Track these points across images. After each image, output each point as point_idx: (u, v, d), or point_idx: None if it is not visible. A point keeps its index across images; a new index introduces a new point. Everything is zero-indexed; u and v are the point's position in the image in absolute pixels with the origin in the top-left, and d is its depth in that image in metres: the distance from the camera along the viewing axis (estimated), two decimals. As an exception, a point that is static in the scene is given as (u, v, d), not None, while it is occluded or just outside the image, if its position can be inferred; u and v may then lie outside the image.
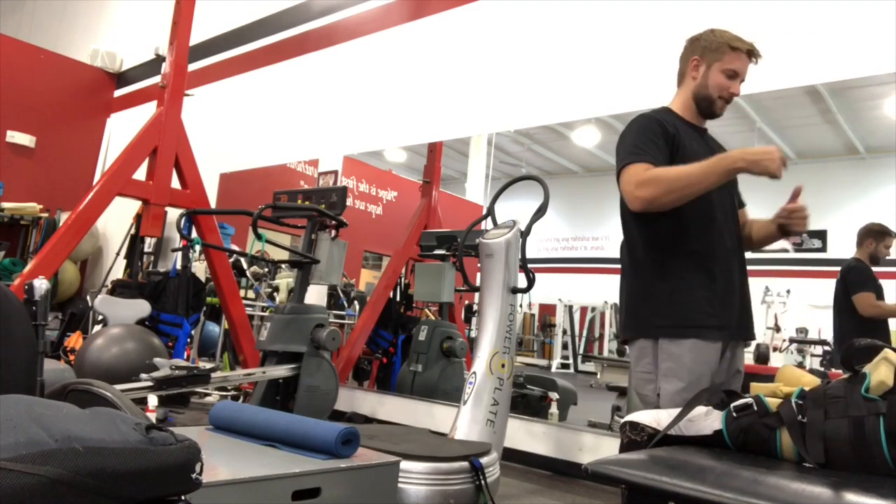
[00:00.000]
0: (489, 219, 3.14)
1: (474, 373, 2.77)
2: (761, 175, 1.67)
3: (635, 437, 1.51)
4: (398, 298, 5.11)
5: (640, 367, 1.87)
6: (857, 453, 1.25)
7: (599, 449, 3.30)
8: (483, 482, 2.19)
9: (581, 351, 10.10)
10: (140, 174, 4.27)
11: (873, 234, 3.54)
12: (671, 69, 2.10)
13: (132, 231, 5.82)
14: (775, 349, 6.43)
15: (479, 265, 2.93)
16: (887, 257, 3.56)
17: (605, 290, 9.24)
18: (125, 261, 5.89)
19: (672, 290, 1.80)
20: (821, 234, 7.34)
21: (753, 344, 6.18)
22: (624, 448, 1.53)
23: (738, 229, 1.95)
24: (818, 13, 3.05)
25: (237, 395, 4.82)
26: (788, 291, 7.00)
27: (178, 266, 4.72)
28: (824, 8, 3.04)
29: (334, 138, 5.21)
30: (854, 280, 3.48)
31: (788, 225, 1.90)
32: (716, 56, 1.88)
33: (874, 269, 3.55)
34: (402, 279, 5.09)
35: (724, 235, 1.87)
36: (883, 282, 3.55)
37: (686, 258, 1.82)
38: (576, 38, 3.90)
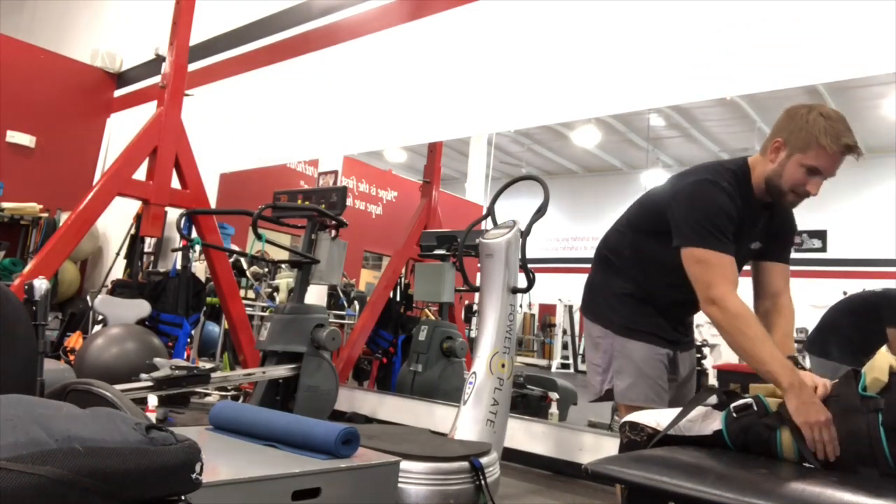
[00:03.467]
0: (489, 219, 3.14)
1: (474, 373, 2.77)
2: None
3: (635, 437, 1.51)
4: (398, 298, 5.11)
5: (595, 359, 1.98)
6: (856, 451, 1.26)
7: (599, 449, 3.30)
8: (483, 482, 2.19)
9: (581, 351, 10.10)
10: (140, 174, 4.27)
11: None
12: (671, 69, 2.09)
13: (132, 231, 5.81)
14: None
15: (479, 265, 2.93)
16: None
17: (605, 290, 9.20)
18: (125, 261, 5.89)
19: (638, 303, 1.92)
20: (821, 234, 7.34)
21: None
22: (624, 448, 1.53)
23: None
24: (818, 13, 3.05)
25: (237, 395, 4.82)
26: (788, 291, 6.98)
27: (178, 266, 4.72)
28: (824, 8, 3.04)
29: (334, 138, 5.21)
30: None
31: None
32: (800, 147, 1.64)
33: (870, 268, 3.49)
34: (402, 279, 5.09)
35: (680, 302, 1.89)
36: (883, 282, 3.53)
37: (662, 290, 1.89)
38: (576, 38, 3.90)
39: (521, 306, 7.49)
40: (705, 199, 1.68)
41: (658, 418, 1.53)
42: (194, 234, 4.40)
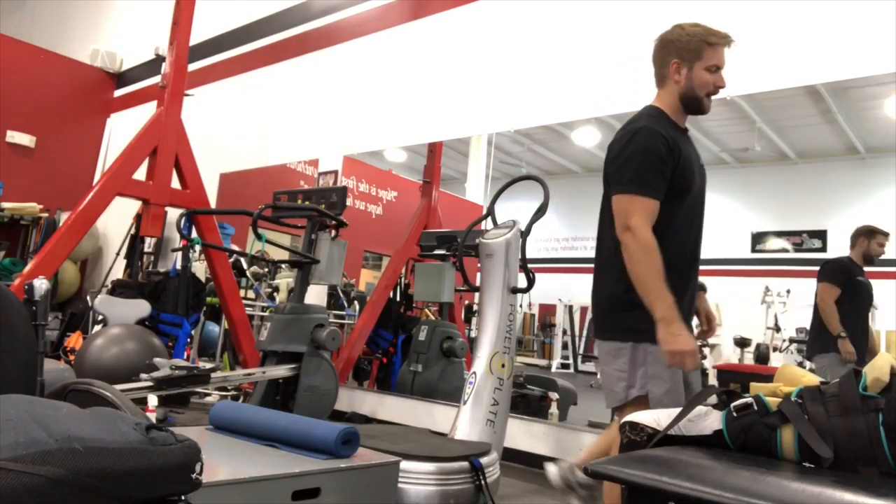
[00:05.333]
0: (489, 219, 3.14)
1: (474, 373, 2.77)
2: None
3: (635, 438, 1.51)
4: (398, 298, 5.11)
5: (616, 365, 1.90)
6: (856, 450, 1.25)
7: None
8: (483, 482, 2.19)
9: (581, 351, 10.09)
10: (140, 174, 4.27)
11: (864, 234, 3.62)
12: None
13: (132, 231, 5.81)
14: (775, 349, 6.43)
15: (479, 265, 2.93)
16: (881, 256, 3.62)
17: (605, 290, 9.20)
18: (125, 261, 5.89)
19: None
20: (821, 234, 7.33)
21: (754, 344, 6.20)
22: (624, 448, 1.53)
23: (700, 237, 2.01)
24: (818, 13, 3.05)
25: (237, 395, 4.82)
26: (788, 291, 6.99)
27: (178, 266, 4.72)
28: (824, 8, 3.04)
29: (334, 138, 5.21)
30: (826, 272, 3.62)
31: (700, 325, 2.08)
32: (695, 55, 1.89)
33: (868, 268, 3.61)
34: (402, 279, 5.08)
35: (692, 246, 1.96)
36: (883, 282, 3.57)
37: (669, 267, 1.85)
38: (576, 38, 3.90)
39: (521, 306, 7.49)
40: (638, 143, 1.83)
41: (658, 418, 1.53)
42: (194, 234, 4.40)
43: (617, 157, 1.87)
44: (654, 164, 1.80)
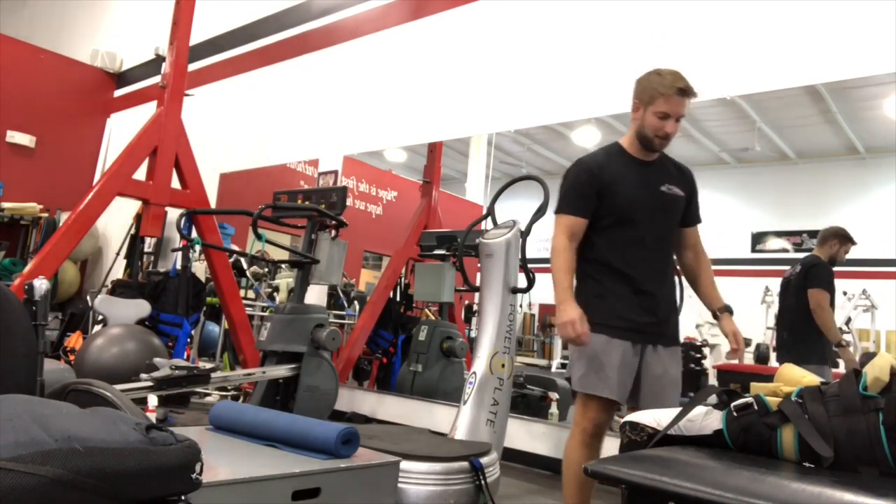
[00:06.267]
0: (489, 219, 3.14)
1: (474, 373, 2.77)
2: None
3: (635, 437, 1.52)
4: (398, 298, 5.11)
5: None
6: (856, 450, 1.25)
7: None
8: (483, 482, 2.19)
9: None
10: (140, 174, 4.27)
11: (839, 237, 3.59)
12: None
13: (132, 231, 5.82)
14: (775, 349, 6.43)
15: (479, 265, 2.93)
16: (845, 259, 3.61)
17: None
18: (125, 261, 5.89)
19: (594, 295, 2.16)
20: (821, 235, 7.33)
21: (753, 344, 6.21)
22: (624, 448, 1.53)
23: (671, 250, 2.26)
24: (818, 13, 3.05)
25: (237, 395, 4.82)
26: (788, 291, 6.99)
27: (178, 266, 4.72)
28: (824, 8, 3.03)
29: (334, 138, 5.21)
30: (818, 275, 3.55)
31: (730, 344, 2.18)
32: (649, 101, 2.12)
33: (868, 268, 3.58)
34: (402, 279, 5.08)
35: (654, 258, 2.19)
36: (884, 282, 3.56)
37: (611, 273, 2.16)
38: (575, 38, 3.90)
39: (521, 306, 7.49)
40: (569, 175, 2.22)
41: (658, 418, 1.53)
42: (194, 234, 4.40)
43: (560, 186, 2.24)
44: (573, 188, 2.17)
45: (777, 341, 4.18)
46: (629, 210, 2.15)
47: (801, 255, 3.88)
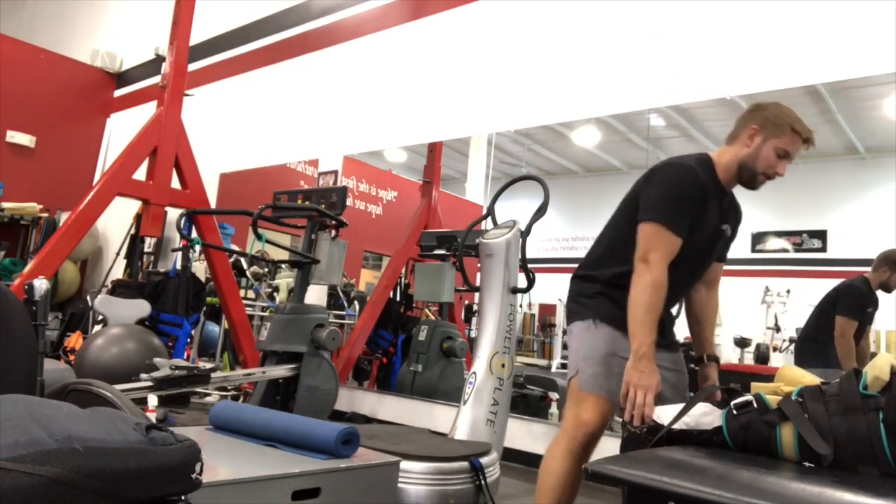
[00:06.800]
0: (489, 219, 3.14)
1: (474, 373, 2.77)
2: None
3: (635, 430, 1.53)
4: (398, 298, 5.11)
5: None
6: (856, 449, 1.25)
7: (599, 449, 3.29)
8: (483, 482, 2.19)
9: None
10: (140, 174, 4.27)
11: (889, 263, 3.44)
12: (672, 70, 2.11)
13: (132, 231, 5.82)
14: (775, 349, 6.44)
15: (479, 265, 2.93)
16: None
17: (604, 290, 9.21)
18: (125, 261, 5.89)
19: (612, 303, 1.88)
20: (821, 234, 7.33)
21: (754, 344, 6.20)
22: (625, 441, 1.54)
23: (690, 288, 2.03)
24: (818, 13, 3.05)
25: (237, 395, 4.82)
26: (788, 291, 6.99)
27: (178, 266, 4.72)
28: (824, 8, 3.03)
29: (334, 138, 5.21)
30: (848, 304, 3.43)
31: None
32: (775, 132, 1.83)
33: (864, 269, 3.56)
34: (402, 279, 5.08)
35: (682, 294, 2.01)
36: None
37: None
38: (575, 38, 3.90)
39: (521, 306, 7.49)
40: (674, 176, 1.84)
41: (659, 413, 1.54)
42: (194, 234, 4.39)
43: (652, 182, 1.87)
44: (684, 203, 1.80)
45: (796, 343, 4.14)
46: (692, 251, 1.83)
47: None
